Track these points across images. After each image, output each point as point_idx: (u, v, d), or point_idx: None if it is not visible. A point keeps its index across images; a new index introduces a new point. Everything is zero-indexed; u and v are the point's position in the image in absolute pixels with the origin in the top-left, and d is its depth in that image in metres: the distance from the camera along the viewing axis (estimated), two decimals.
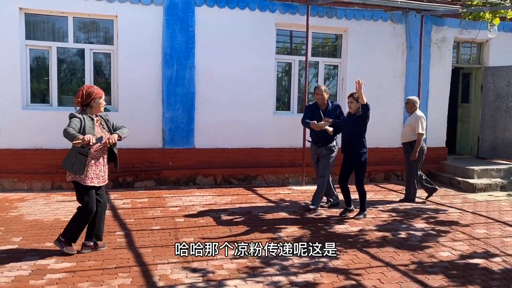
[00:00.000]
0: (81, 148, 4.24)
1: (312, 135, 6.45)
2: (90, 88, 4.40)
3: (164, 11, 7.51)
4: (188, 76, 7.68)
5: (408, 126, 6.96)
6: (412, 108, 7.00)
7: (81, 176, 4.29)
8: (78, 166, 4.26)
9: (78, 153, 4.27)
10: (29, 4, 6.96)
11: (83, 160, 4.28)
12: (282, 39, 8.63)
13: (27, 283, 3.74)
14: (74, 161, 4.26)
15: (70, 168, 4.27)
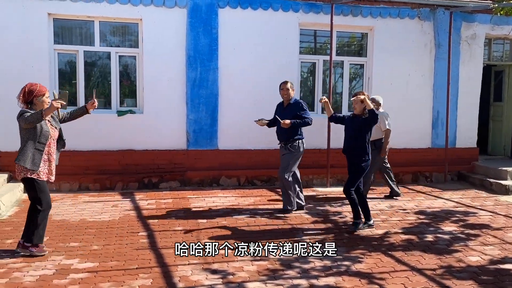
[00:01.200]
0: (38, 143, 4.29)
1: (276, 133, 6.36)
2: (33, 85, 4.40)
3: (187, 14, 7.56)
4: (211, 78, 7.71)
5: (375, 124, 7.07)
6: (377, 107, 7.13)
7: (36, 172, 4.31)
8: (35, 162, 4.29)
9: (34, 148, 4.30)
10: (57, 9, 7.13)
11: (39, 155, 4.32)
12: (306, 39, 8.55)
13: (51, 283, 3.82)
14: (31, 157, 4.27)
15: (27, 163, 4.25)
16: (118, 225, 5.50)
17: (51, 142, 4.42)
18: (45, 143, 4.34)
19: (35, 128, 4.27)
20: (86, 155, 7.39)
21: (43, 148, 4.32)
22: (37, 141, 4.28)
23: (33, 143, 4.28)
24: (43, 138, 4.32)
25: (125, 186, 7.53)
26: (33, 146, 4.28)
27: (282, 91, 6.24)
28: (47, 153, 4.40)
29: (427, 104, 8.70)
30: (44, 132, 4.32)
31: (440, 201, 7.16)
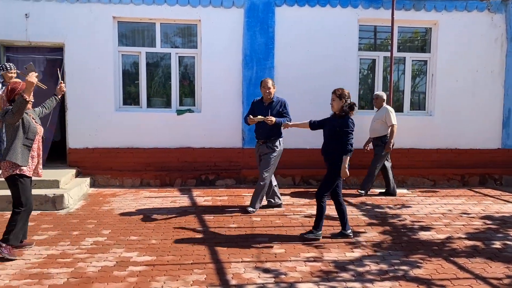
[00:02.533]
0: (25, 139, 4.35)
1: (255, 130, 6.16)
2: (15, 84, 4.45)
3: (244, 13, 7.62)
4: (267, 77, 7.69)
5: (379, 120, 7.12)
6: (381, 103, 7.22)
7: (23, 168, 4.36)
8: (24, 157, 4.34)
9: (22, 144, 4.35)
10: (121, 12, 7.47)
11: (27, 151, 4.38)
12: (365, 35, 8.30)
13: (111, 274, 4.00)
14: (19, 153, 4.32)
15: (17, 159, 4.29)
16: (175, 221, 5.66)
17: (38, 138, 4.53)
18: (33, 139, 4.42)
19: (23, 125, 4.35)
20: (148, 152, 7.69)
21: (31, 144, 4.41)
22: (25, 137, 4.37)
23: (21, 139, 4.35)
24: (31, 134, 4.41)
25: (183, 183, 7.74)
26: (21, 142, 4.35)
27: (264, 89, 6.06)
28: (34, 149, 4.48)
29: (496, 102, 8.16)
30: (32, 128, 4.41)
31: (511, 206, 6.67)
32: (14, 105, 4.25)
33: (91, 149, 7.55)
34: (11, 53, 7.50)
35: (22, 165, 4.33)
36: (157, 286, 3.75)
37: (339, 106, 4.97)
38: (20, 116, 4.29)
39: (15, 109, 4.21)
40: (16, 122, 4.32)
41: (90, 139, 7.56)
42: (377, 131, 7.16)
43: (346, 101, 4.95)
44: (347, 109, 4.93)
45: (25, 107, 4.24)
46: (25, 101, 4.20)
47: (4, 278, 3.87)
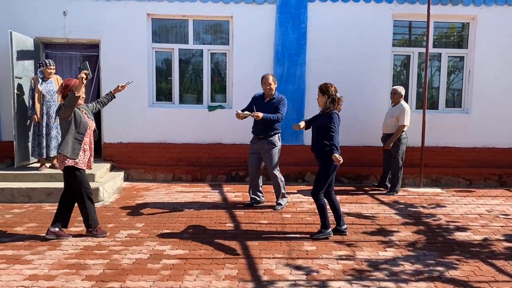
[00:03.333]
0: (77, 133, 4.55)
1: (253, 126, 6.07)
2: (69, 81, 4.66)
3: (276, 9, 7.59)
4: (298, 73, 7.67)
5: (393, 118, 6.96)
6: (399, 99, 7.02)
7: (75, 160, 4.58)
8: (75, 151, 4.56)
9: (74, 138, 4.56)
10: (155, 10, 7.57)
11: (79, 145, 4.58)
12: (399, 30, 8.13)
13: (146, 266, 4.08)
14: (71, 146, 4.54)
15: (68, 152, 4.53)
16: (207, 215, 5.72)
17: (89, 132, 4.72)
18: (84, 134, 4.63)
19: (75, 120, 4.56)
20: (179, 148, 7.80)
21: (82, 138, 4.61)
22: (76, 131, 4.58)
23: (73, 133, 4.57)
24: (82, 129, 4.61)
25: (214, 178, 7.81)
26: (73, 136, 4.57)
27: (265, 85, 5.96)
28: (86, 143, 4.70)
29: None
30: (83, 123, 4.61)
31: None
32: (66, 100, 4.49)
33: (125, 144, 7.71)
34: (50, 50, 7.74)
35: (73, 158, 4.55)
36: (190, 280, 3.80)
37: (323, 102, 4.85)
38: (71, 110, 4.51)
39: (67, 104, 4.46)
40: (68, 117, 4.53)
41: (124, 134, 7.73)
42: (389, 127, 7.05)
43: (330, 97, 4.80)
44: (329, 105, 4.79)
45: (75, 102, 4.47)
46: (76, 97, 4.44)
47: (44, 268, 4.00)
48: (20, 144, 6.92)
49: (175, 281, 3.76)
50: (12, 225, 5.26)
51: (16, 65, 6.81)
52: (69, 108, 4.48)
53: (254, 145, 6.11)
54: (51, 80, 6.74)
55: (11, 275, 3.84)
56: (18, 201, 6.26)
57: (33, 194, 6.28)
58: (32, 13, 7.37)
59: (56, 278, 3.79)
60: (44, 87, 6.64)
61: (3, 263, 4.10)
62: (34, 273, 3.88)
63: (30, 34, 7.28)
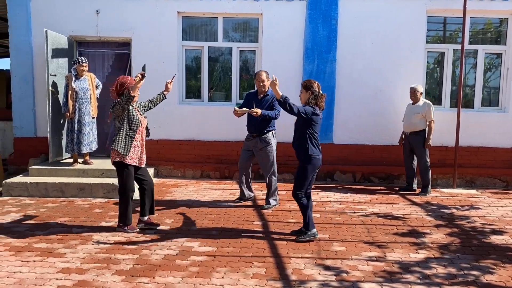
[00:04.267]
0: (130, 130, 4.61)
1: (247, 124, 5.95)
2: (124, 78, 4.71)
3: (307, 6, 7.51)
4: (328, 70, 7.57)
5: (418, 114, 6.83)
6: (419, 96, 6.92)
7: (126, 156, 4.63)
8: (126, 147, 4.62)
9: (126, 135, 4.61)
10: (185, 8, 7.62)
11: (131, 141, 4.63)
12: (433, 26, 7.90)
13: (174, 262, 4.10)
14: (122, 142, 4.61)
15: (120, 148, 4.60)
16: (235, 213, 5.72)
17: (141, 129, 4.79)
18: (136, 130, 4.70)
19: (129, 117, 4.64)
20: (208, 145, 7.83)
21: (134, 135, 4.68)
22: (129, 128, 4.65)
23: (126, 130, 4.65)
24: (135, 126, 4.68)
25: None
26: (126, 133, 4.65)
27: (257, 82, 5.83)
28: (137, 140, 4.76)
29: None
30: (135, 120, 4.68)
31: None
32: (121, 98, 4.58)
33: (155, 141, 7.80)
34: (83, 48, 7.91)
35: (124, 153, 4.65)
36: (218, 277, 3.80)
37: (306, 98, 4.74)
38: (126, 109, 4.61)
39: (122, 102, 4.56)
40: (122, 114, 4.64)
41: (154, 130, 7.75)
42: (416, 125, 6.88)
43: (313, 93, 4.70)
44: (311, 101, 4.68)
45: (130, 101, 4.57)
46: (131, 96, 4.53)
47: (76, 261, 4.08)
48: (54, 140, 7.10)
49: (203, 278, 3.77)
50: (46, 218, 5.41)
51: (51, 63, 6.99)
52: (124, 106, 4.57)
53: (248, 142, 6.04)
54: (84, 77, 6.88)
55: (45, 268, 3.94)
56: (52, 195, 6.43)
57: (66, 189, 6.44)
58: (67, 12, 7.55)
59: (87, 272, 3.86)
60: (77, 84, 6.79)
61: (38, 255, 4.21)
62: (66, 266, 3.97)
63: (64, 33, 7.46)
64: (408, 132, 7.03)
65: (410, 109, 7.02)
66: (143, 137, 4.88)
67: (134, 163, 4.80)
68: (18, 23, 7.58)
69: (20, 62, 7.64)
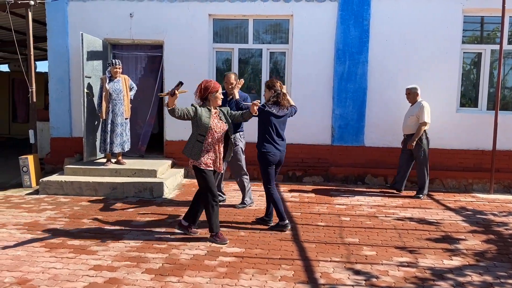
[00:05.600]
0: (198, 135, 4.53)
1: None
2: (208, 82, 4.61)
3: (338, 6, 7.43)
4: (360, 72, 7.46)
5: (413, 116, 6.69)
6: (415, 97, 6.80)
7: (198, 161, 4.55)
8: (194, 152, 4.54)
9: (195, 140, 4.56)
10: (217, 10, 7.68)
11: (199, 146, 4.54)
12: (470, 26, 7.66)
13: (203, 262, 4.13)
14: (191, 147, 4.57)
15: (187, 152, 4.59)
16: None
17: (212, 134, 4.56)
18: (204, 135, 4.54)
19: (196, 121, 4.56)
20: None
21: (202, 140, 4.56)
22: (197, 133, 4.57)
23: (195, 135, 4.60)
24: (202, 130, 4.55)
25: None
26: (195, 138, 4.59)
27: (226, 84, 5.74)
28: (210, 144, 4.58)
29: None
30: (203, 124, 4.53)
31: None
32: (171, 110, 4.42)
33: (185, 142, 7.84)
34: (117, 51, 8.10)
35: (193, 158, 4.58)
36: (246, 279, 3.79)
37: (268, 96, 5.00)
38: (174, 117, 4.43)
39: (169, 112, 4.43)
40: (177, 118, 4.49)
41: (185, 132, 7.82)
42: (411, 128, 6.70)
43: (275, 92, 4.91)
44: (273, 99, 4.92)
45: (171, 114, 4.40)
46: (170, 110, 4.36)
47: (107, 259, 4.17)
48: (88, 140, 7.30)
49: (231, 279, 3.77)
50: (80, 216, 5.56)
51: (86, 65, 7.20)
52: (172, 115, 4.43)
53: None
54: (118, 79, 7.04)
55: (78, 264, 4.04)
56: (86, 194, 6.60)
57: (99, 188, 6.60)
58: (102, 15, 7.75)
59: (118, 269, 3.94)
60: (111, 86, 6.95)
61: (71, 252, 4.33)
62: (98, 264, 4.06)
63: (99, 36, 7.66)
64: (405, 135, 6.88)
65: (408, 111, 6.90)
66: (216, 142, 4.61)
67: (209, 167, 4.61)
68: (56, 27, 7.84)
69: (57, 64, 7.90)
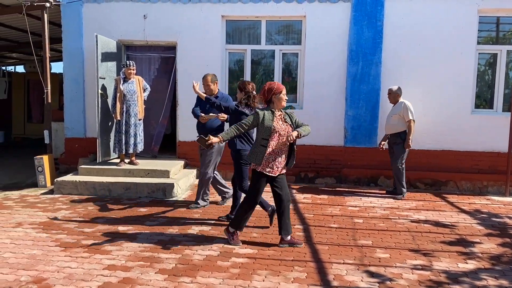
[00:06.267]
0: (262, 139, 4.44)
1: (196, 125, 5.90)
2: (271, 84, 4.54)
3: (351, 7, 7.40)
4: (373, 73, 7.41)
5: (396, 115, 6.66)
6: (396, 98, 6.79)
7: (260, 166, 4.49)
8: (258, 156, 4.47)
9: (260, 144, 4.48)
10: (229, 11, 7.70)
11: (263, 150, 4.46)
12: (485, 27, 7.57)
13: (215, 263, 4.14)
14: (255, 152, 4.50)
15: (253, 159, 4.51)
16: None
17: (276, 137, 4.47)
18: (267, 139, 4.46)
19: (259, 126, 4.47)
20: None
21: (266, 144, 4.48)
22: (261, 137, 4.49)
23: (259, 139, 4.51)
24: (265, 134, 4.47)
25: None
26: (259, 142, 4.51)
27: (204, 85, 5.78)
28: (272, 148, 4.48)
29: None
30: (265, 127, 4.44)
31: None
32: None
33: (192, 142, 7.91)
34: (131, 52, 8.17)
35: (255, 162, 4.50)
36: (259, 280, 3.79)
37: (240, 97, 5.16)
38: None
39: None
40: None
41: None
42: (395, 127, 6.66)
43: (246, 93, 5.07)
44: (244, 101, 5.08)
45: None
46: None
47: (121, 259, 4.20)
48: (102, 141, 7.37)
49: (243, 280, 3.77)
50: (94, 216, 5.61)
51: (101, 66, 7.27)
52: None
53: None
54: (132, 80, 7.10)
55: (92, 264, 4.08)
56: (100, 194, 6.67)
57: (113, 188, 6.66)
58: (116, 17, 7.82)
59: (132, 269, 3.97)
60: (125, 87, 7.01)
61: (86, 252, 4.38)
62: (112, 263, 4.09)
63: (113, 37, 7.73)
64: (389, 134, 6.83)
65: (390, 111, 6.86)
66: (281, 146, 4.50)
67: (271, 174, 4.51)
68: (71, 28, 7.93)
69: (72, 65, 7.99)
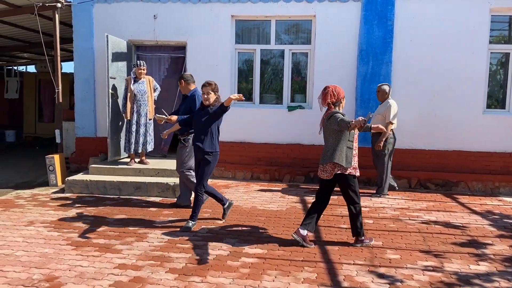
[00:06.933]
0: (348, 142, 4.43)
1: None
2: (336, 87, 4.53)
3: (362, 7, 7.36)
4: (384, 72, 7.37)
5: (380, 115, 6.60)
6: (384, 96, 6.71)
7: (350, 169, 4.45)
8: (348, 159, 4.44)
9: (346, 147, 4.44)
10: (239, 11, 7.70)
11: (351, 153, 4.45)
12: (497, 26, 7.49)
13: (225, 263, 4.14)
14: (345, 155, 4.43)
15: (343, 161, 4.41)
16: (285, 216, 5.69)
17: (356, 138, 4.55)
18: (353, 141, 4.51)
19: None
20: (258, 147, 7.86)
21: (352, 146, 4.51)
22: (348, 139, 4.49)
23: (344, 141, 4.48)
24: (352, 136, 4.50)
25: (292, 179, 7.77)
26: (345, 145, 4.49)
27: (179, 86, 5.90)
28: (355, 149, 4.54)
29: None
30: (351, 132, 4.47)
31: None
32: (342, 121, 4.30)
33: None
34: (141, 52, 8.21)
35: (347, 166, 4.47)
36: (269, 280, 3.79)
37: (213, 99, 5.19)
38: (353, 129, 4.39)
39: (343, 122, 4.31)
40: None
41: None
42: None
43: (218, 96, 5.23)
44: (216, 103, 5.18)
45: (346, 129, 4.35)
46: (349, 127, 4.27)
47: (132, 258, 4.23)
48: (113, 140, 7.42)
49: (253, 280, 3.77)
50: (104, 215, 5.65)
51: (111, 66, 7.31)
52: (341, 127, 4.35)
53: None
54: (143, 80, 7.13)
55: (103, 263, 4.11)
56: (110, 193, 6.71)
57: (123, 187, 6.70)
58: (126, 17, 7.86)
59: (142, 268, 3.99)
60: (136, 87, 7.04)
61: (96, 251, 4.41)
62: (123, 262, 4.12)
63: (124, 37, 7.77)
64: (372, 134, 6.79)
65: (376, 110, 6.82)
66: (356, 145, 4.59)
67: (356, 173, 4.55)
68: (82, 28, 7.99)
69: (83, 65, 8.05)
